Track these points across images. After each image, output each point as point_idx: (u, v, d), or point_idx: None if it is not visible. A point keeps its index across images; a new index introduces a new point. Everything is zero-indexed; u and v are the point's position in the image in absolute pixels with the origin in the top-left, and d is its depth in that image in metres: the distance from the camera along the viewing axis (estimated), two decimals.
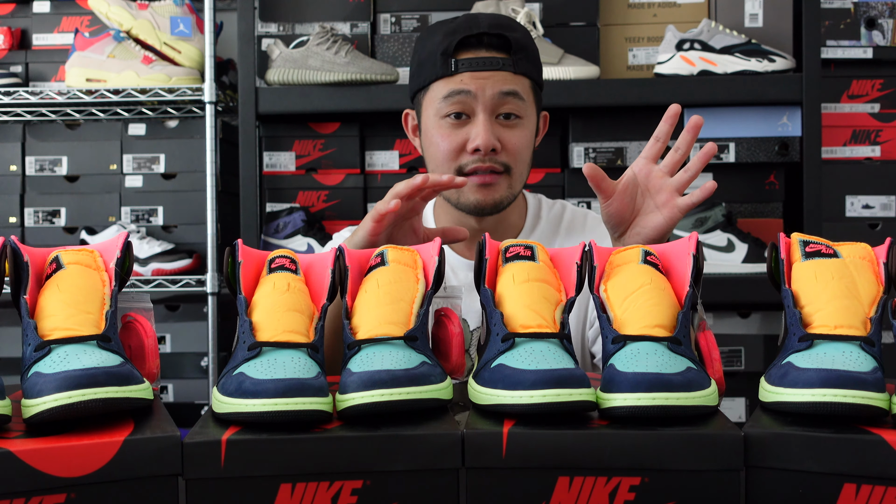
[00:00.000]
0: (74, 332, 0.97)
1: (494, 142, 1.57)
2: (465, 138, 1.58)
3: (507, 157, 1.59)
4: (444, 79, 1.59)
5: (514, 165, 1.60)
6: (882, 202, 2.57)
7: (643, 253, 1.09)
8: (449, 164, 1.59)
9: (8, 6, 2.82)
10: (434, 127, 1.61)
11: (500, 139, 1.58)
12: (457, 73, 1.58)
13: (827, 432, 0.91)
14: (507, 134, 1.59)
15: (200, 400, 2.71)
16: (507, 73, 1.58)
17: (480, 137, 1.56)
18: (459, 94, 1.57)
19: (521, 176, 1.63)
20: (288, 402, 0.91)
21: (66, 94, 2.60)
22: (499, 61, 1.57)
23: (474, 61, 1.57)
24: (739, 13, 2.53)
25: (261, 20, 2.57)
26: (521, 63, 1.58)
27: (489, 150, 1.57)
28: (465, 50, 1.58)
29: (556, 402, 0.92)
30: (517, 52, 1.58)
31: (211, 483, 0.92)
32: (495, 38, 1.58)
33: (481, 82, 1.57)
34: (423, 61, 1.62)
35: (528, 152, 1.62)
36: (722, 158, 2.50)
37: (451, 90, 1.58)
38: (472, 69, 1.57)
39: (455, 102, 1.58)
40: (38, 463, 0.88)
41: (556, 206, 1.75)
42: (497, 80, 1.57)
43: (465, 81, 1.57)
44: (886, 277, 1.04)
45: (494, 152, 1.58)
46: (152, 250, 2.65)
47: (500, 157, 1.59)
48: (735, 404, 2.50)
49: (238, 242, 1.11)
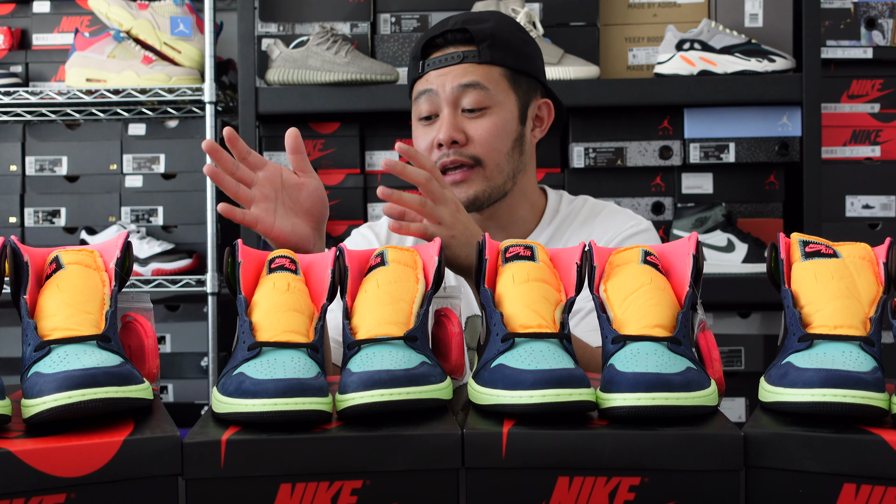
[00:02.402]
0: (74, 332, 0.97)
1: (455, 134, 1.58)
2: (434, 136, 1.60)
3: (476, 149, 1.59)
4: (417, 81, 1.63)
5: (486, 156, 1.60)
6: (882, 202, 2.57)
7: (643, 253, 1.09)
8: None
9: (8, 6, 2.82)
10: (414, 129, 1.65)
11: (466, 131, 1.59)
12: (423, 73, 1.62)
13: (827, 432, 0.91)
14: (473, 125, 1.60)
15: (200, 400, 2.71)
16: (468, 65, 1.59)
17: (442, 131, 1.59)
18: (425, 93, 1.61)
19: (498, 167, 1.61)
20: (288, 402, 0.91)
21: (66, 94, 2.60)
22: (459, 55, 1.59)
23: (437, 59, 1.61)
24: (739, 13, 2.53)
25: (261, 20, 2.57)
26: (486, 52, 1.59)
27: (451, 143, 1.58)
28: (433, 50, 1.62)
29: (556, 402, 0.92)
30: (481, 42, 1.59)
31: (211, 483, 0.92)
32: (459, 34, 1.60)
33: (442, 78, 1.60)
34: (408, 70, 1.68)
35: (502, 142, 1.61)
36: (722, 158, 2.50)
37: (419, 91, 1.62)
38: (434, 67, 1.60)
39: (423, 102, 1.61)
40: (38, 463, 0.88)
41: (576, 201, 1.74)
42: (457, 74, 1.59)
43: (430, 80, 1.61)
44: (886, 277, 1.04)
45: (458, 144, 1.59)
46: (152, 250, 2.65)
47: (466, 149, 1.59)
48: (735, 404, 2.50)
49: (238, 242, 1.11)
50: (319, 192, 1.42)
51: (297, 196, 1.40)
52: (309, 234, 1.41)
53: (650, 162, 2.52)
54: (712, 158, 2.50)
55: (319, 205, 1.42)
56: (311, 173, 1.42)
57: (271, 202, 1.38)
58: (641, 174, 2.54)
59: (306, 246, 1.41)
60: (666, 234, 2.52)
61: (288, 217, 1.39)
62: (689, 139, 2.50)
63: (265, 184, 1.39)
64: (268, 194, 1.38)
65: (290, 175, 1.41)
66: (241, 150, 1.38)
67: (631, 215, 1.72)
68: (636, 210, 2.53)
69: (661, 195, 2.55)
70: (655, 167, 2.54)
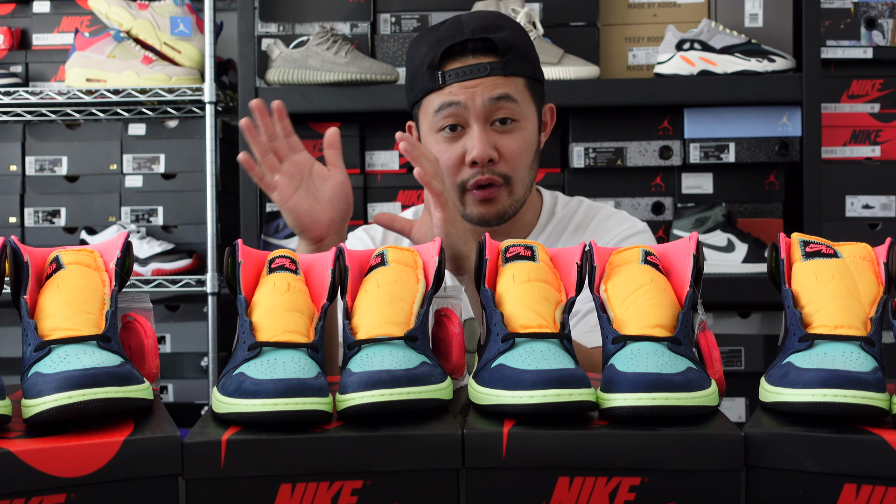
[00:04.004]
0: (74, 332, 0.97)
1: (491, 152, 1.55)
2: (462, 151, 1.56)
3: (506, 167, 1.57)
4: (434, 92, 1.56)
5: (514, 173, 1.58)
6: (882, 202, 2.57)
7: (643, 253, 1.09)
8: (450, 179, 1.57)
9: (8, 6, 2.82)
10: (432, 142, 1.58)
11: (498, 147, 1.56)
12: (445, 85, 1.54)
13: (827, 432, 0.91)
14: (504, 140, 1.56)
15: (200, 400, 2.71)
16: (496, 78, 1.54)
17: (476, 149, 1.54)
18: (450, 106, 1.55)
19: (522, 182, 1.60)
20: (288, 402, 0.91)
21: (66, 94, 2.60)
22: (486, 67, 1.53)
23: (461, 71, 1.54)
24: (739, 13, 2.53)
25: (261, 20, 2.57)
26: (512, 63, 1.55)
27: (486, 162, 1.55)
28: (451, 60, 1.55)
29: (556, 403, 0.92)
30: (505, 53, 1.54)
31: (211, 483, 0.92)
32: (480, 43, 1.54)
33: (471, 91, 1.54)
34: (414, 75, 1.60)
35: (528, 156, 1.59)
36: (722, 158, 2.50)
37: (441, 103, 1.55)
38: (459, 79, 1.54)
39: (447, 115, 1.55)
40: (38, 463, 0.88)
41: (571, 203, 1.73)
42: (487, 87, 1.54)
43: (454, 93, 1.54)
44: (886, 277, 1.04)
45: (492, 162, 1.56)
46: (152, 250, 2.65)
47: (498, 167, 1.56)
48: (735, 404, 2.50)
49: (238, 242, 1.11)
50: (345, 186, 1.46)
51: (322, 186, 1.45)
52: (325, 221, 1.44)
53: (650, 162, 2.52)
54: (712, 158, 2.50)
55: (342, 198, 1.46)
56: (341, 168, 1.47)
57: (295, 181, 1.44)
58: (641, 174, 2.54)
59: (318, 230, 1.43)
60: (666, 234, 2.52)
61: (307, 199, 1.44)
62: (689, 139, 2.50)
63: (294, 166, 1.44)
64: (294, 174, 1.44)
65: (320, 168, 1.46)
66: (287, 127, 1.45)
67: (626, 217, 1.72)
68: (636, 210, 2.54)
69: (661, 195, 2.55)
70: (655, 167, 2.54)
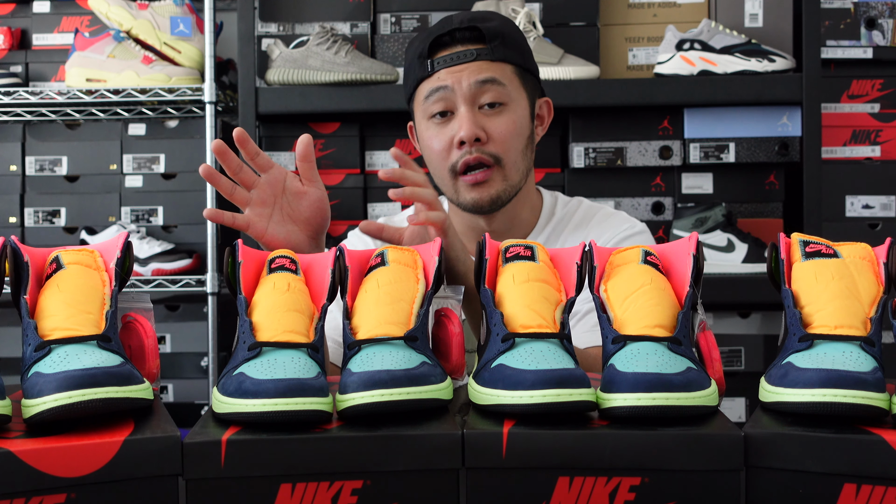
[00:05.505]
0: (74, 332, 0.97)
1: (478, 131, 1.57)
2: (451, 134, 1.59)
3: (495, 147, 1.59)
4: (424, 81, 1.61)
5: (505, 154, 1.60)
6: (882, 202, 2.57)
7: (643, 253, 1.09)
8: (443, 163, 1.60)
9: (8, 6, 2.81)
10: (424, 129, 1.63)
11: (485, 128, 1.58)
12: (434, 72, 1.60)
13: (827, 432, 0.91)
14: (492, 122, 1.59)
15: (200, 400, 2.71)
16: (482, 63, 1.59)
17: (463, 128, 1.57)
18: (438, 90, 1.59)
19: (515, 165, 1.61)
20: (288, 402, 0.91)
21: (66, 94, 2.60)
22: (473, 52, 1.59)
23: (448, 57, 1.59)
24: (739, 13, 2.53)
25: (261, 20, 2.57)
26: (499, 49, 1.59)
27: (473, 140, 1.57)
28: (440, 49, 1.61)
29: (556, 402, 0.92)
30: (492, 40, 1.59)
31: (211, 483, 0.92)
32: (467, 32, 1.60)
33: (457, 75, 1.58)
34: (408, 68, 1.66)
35: (518, 140, 1.61)
36: (722, 158, 2.50)
37: (430, 89, 1.60)
38: (447, 65, 1.59)
39: (437, 100, 1.60)
40: (38, 463, 0.88)
41: (571, 203, 1.74)
42: (473, 70, 1.59)
43: (442, 78, 1.59)
44: (886, 277, 1.04)
45: (480, 142, 1.58)
46: (152, 250, 2.65)
47: (487, 147, 1.58)
48: (735, 404, 2.50)
49: (238, 242, 1.11)
50: (321, 203, 1.39)
51: (298, 204, 1.38)
52: (304, 241, 1.38)
53: (650, 162, 2.52)
54: (712, 158, 2.50)
55: (319, 216, 1.39)
56: (316, 182, 1.40)
57: (268, 207, 1.37)
58: (641, 174, 2.54)
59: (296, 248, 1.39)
60: (666, 234, 2.52)
61: (283, 223, 1.38)
62: (689, 139, 2.50)
63: (265, 187, 1.37)
64: (265, 199, 1.37)
65: (294, 182, 1.39)
66: (251, 151, 1.36)
67: (626, 217, 1.73)
68: (636, 210, 2.54)
69: (661, 195, 2.55)
70: (655, 167, 2.54)
